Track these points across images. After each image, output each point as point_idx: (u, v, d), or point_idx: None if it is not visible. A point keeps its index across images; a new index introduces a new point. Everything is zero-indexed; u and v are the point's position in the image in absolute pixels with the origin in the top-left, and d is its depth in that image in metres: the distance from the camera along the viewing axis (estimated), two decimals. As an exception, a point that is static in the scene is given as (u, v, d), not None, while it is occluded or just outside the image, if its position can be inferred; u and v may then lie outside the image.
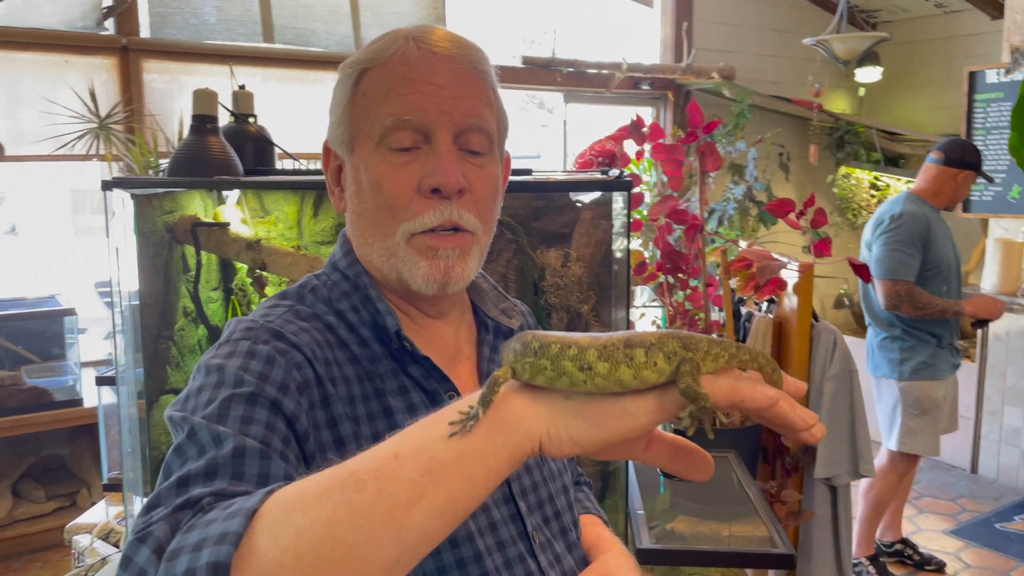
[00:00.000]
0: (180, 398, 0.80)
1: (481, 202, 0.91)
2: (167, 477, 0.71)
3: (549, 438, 0.66)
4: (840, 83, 5.99)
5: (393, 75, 0.88)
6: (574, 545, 1.00)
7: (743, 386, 0.65)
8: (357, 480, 0.62)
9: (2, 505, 3.53)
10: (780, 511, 2.28)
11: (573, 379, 0.64)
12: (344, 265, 0.96)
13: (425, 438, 0.65)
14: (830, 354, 2.29)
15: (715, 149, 2.43)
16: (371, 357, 0.90)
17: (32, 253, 5.19)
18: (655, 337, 0.65)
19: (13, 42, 3.54)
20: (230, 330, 0.86)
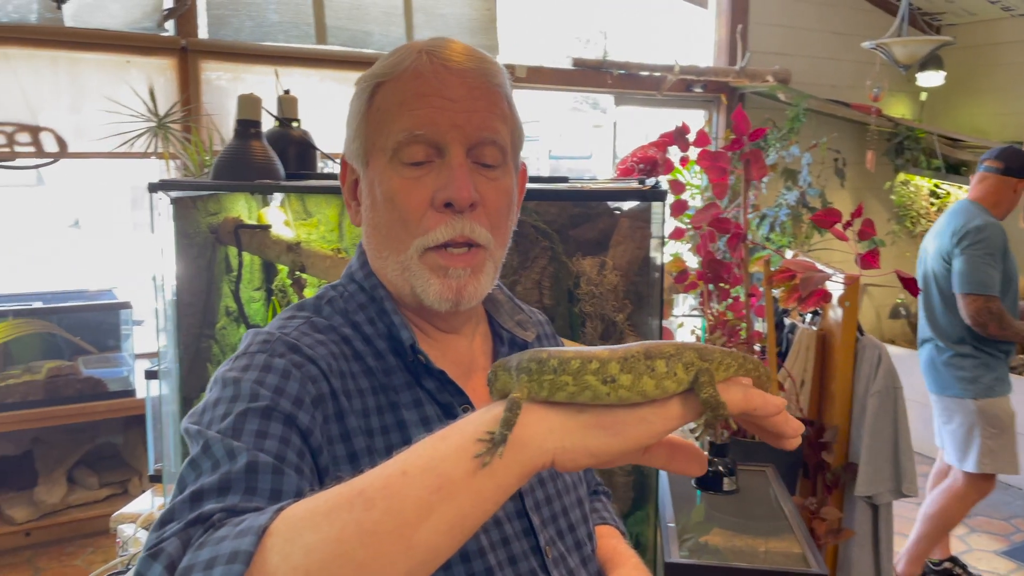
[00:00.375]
0: (196, 410, 0.81)
1: (494, 215, 0.91)
2: (181, 490, 0.72)
3: (564, 451, 0.67)
4: (901, 87, 5.83)
5: (406, 89, 0.88)
6: (588, 559, 0.99)
7: (754, 395, 0.69)
8: (366, 498, 0.62)
9: (57, 491, 3.65)
10: (819, 528, 2.23)
11: (596, 392, 0.66)
12: (360, 277, 0.97)
13: (433, 456, 0.65)
14: (874, 369, 2.24)
15: (761, 157, 2.38)
16: (386, 370, 0.90)
17: (93, 246, 5.36)
18: (673, 348, 0.67)
19: (79, 43, 3.65)
20: (247, 342, 0.87)
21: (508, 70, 0.93)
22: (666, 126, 2.51)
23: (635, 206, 1.92)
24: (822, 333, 2.43)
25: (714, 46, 5.42)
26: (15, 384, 3.56)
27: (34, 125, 3.64)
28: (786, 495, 2.04)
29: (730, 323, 2.38)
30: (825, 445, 2.33)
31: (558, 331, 1.93)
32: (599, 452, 0.67)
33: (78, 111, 3.73)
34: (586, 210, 1.96)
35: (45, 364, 3.68)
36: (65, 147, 3.71)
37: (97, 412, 3.70)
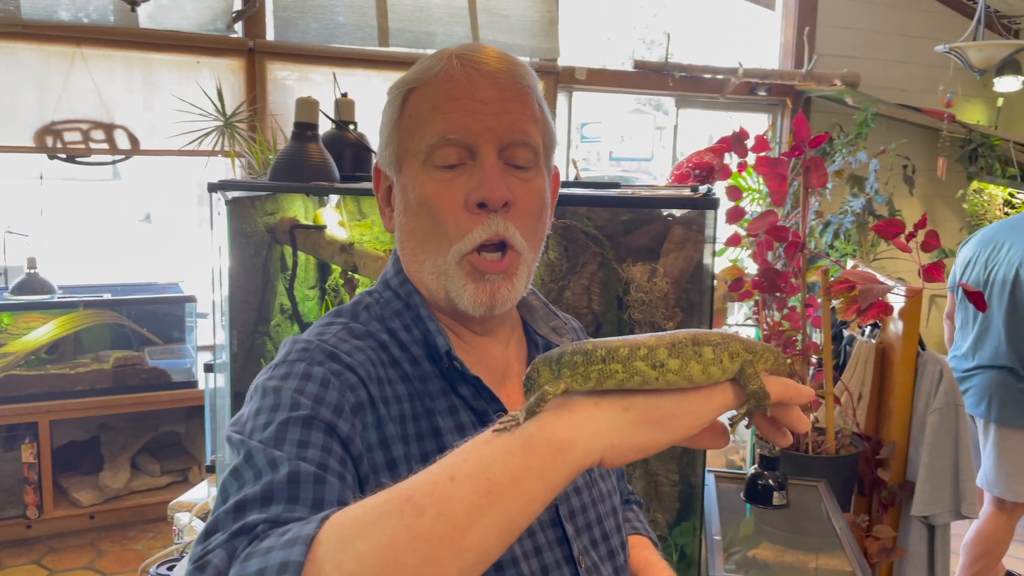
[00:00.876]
0: (239, 418, 0.82)
1: (527, 216, 0.91)
2: (224, 500, 0.73)
3: (612, 449, 0.67)
4: (975, 92, 5.63)
5: (437, 93, 0.89)
6: (622, 569, 0.99)
7: (790, 385, 0.72)
8: (415, 504, 0.63)
9: (121, 476, 3.78)
10: (872, 547, 2.17)
11: (645, 377, 0.67)
12: (396, 283, 0.97)
13: (480, 460, 0.66)
14: (935, 386, 2.17)
15: (822, 164, 2.33)
16: (422, 376, 0.91)
17: (163, 240, 5.54)
18: (720, 337, 0.69)
19: (152, 43, 3.78)
20: (286, 350, 0.88)
21: (567, 72, 0.92)
22: (728, 130, 2.47)
23: (688, 213, 1.90)
24: (882, 346, 2.37)
25: (780, 48, 5.32)
26: (84, 372, 3.70)
27: (108, 123, 3.78)
28: (838, 511, 1.99)
29: (786, 333, 2.33)
30: (882, 462, 2.27)
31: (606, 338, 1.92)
32: (647, 447, 0.68)
33: (150, 109, 3.85)
34: (638, 216, 1.95)
35: (113, 354, 3.82)
36: (137, 144, 3.84)
37: (160, 402, 3.83)
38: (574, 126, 4.99)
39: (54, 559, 3.41)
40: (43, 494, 3.58)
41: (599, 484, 1.00)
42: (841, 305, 2.29)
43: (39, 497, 3.58)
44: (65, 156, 3.76)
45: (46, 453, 3.57)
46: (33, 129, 3.64)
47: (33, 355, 3.67)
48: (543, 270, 1.88)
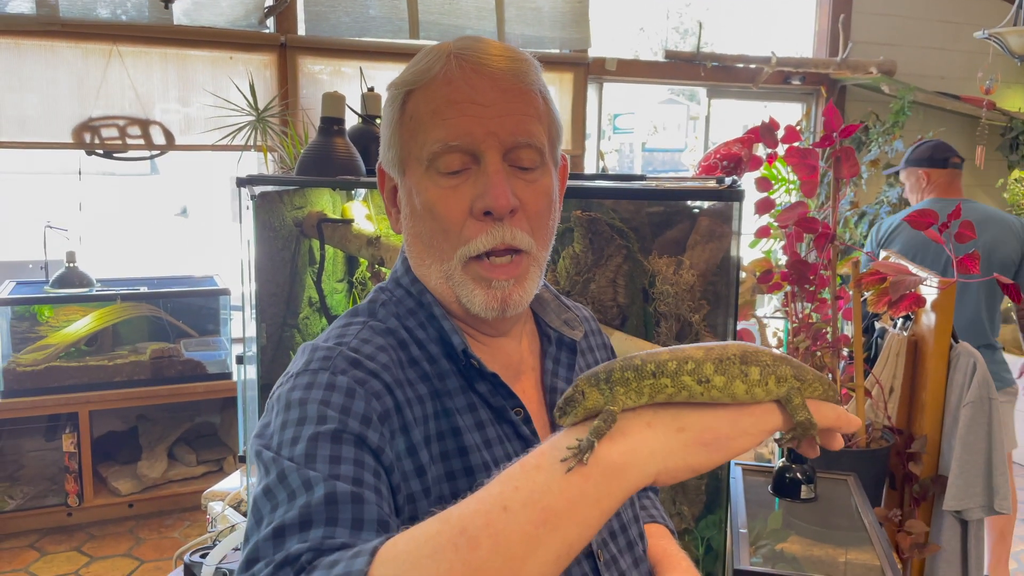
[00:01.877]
0: (263, 432, 0.81)
1: (535, 218, 0.90)
2: (258, 521, 0.72)
3: (666, 471, 0.68)
4: (1016, 79, 5.50)
5: (437, 97, 0.87)
6: (640, 560, 0.99)
7: (842, 415, 0.72)
8: (469, 537, 0.62)
9: (158, 466, 3.86)
10: (904, 542, 2.15)
11: (691, 392, 0.68)
12: (407, 282, 0.96)
13: (533, 488, 0.65)
14: (968, 379, 2.13)
15: (853, 154, 2.30)
16: (440, 374, 0.90)
17: (199, 234, 5.63)
18: (770, 359, 0.69)
19: (186, 40, 3.84)
20: (306, 358, 0.86)
21: (598, 63, 0.90)
22: (761, 120, 2.44)
23: (714, 205, 1.89)
24: (914, 339, 2.33)
25: (814, 36, 5.24)
26: (122, 363, 3.78)
27: (144, 118, 3.84)
28: (867, 506, 1.97)
29: (815, 326, 2.31)
30: (913, 456, 2.23)
31: (631, 331, 1.92)
32: (700, 468, 0.68)
33: (185, 105, 3.91)
34: (664, 208, 1.94)
35: (150, 345, 3.89)
36: (172, 140, 3.90)
37: (196, 393, 3.90)
38: (605, 117, 4.97)
39: (94, 546, 3.49)
40: (83, 483, 3.67)
41: None
42: (872, 297, 2.26)
43: (79, 486, 3.67)
44: (103, 152, 3.83)
45: (86, 443, 3.65)
46: (72, 125, 3.72)
47: (73, 347, 3.75)
48: (568, 263, 1.88)
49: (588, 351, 1.10)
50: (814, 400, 0.71)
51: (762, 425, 0.69)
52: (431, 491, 0.83)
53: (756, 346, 0.70)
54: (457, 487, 0.85)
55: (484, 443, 0.89)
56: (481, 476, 0.86)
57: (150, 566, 3.33)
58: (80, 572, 3.27)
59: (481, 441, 0.88)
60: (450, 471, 0.86)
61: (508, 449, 0.90)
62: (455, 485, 0.85)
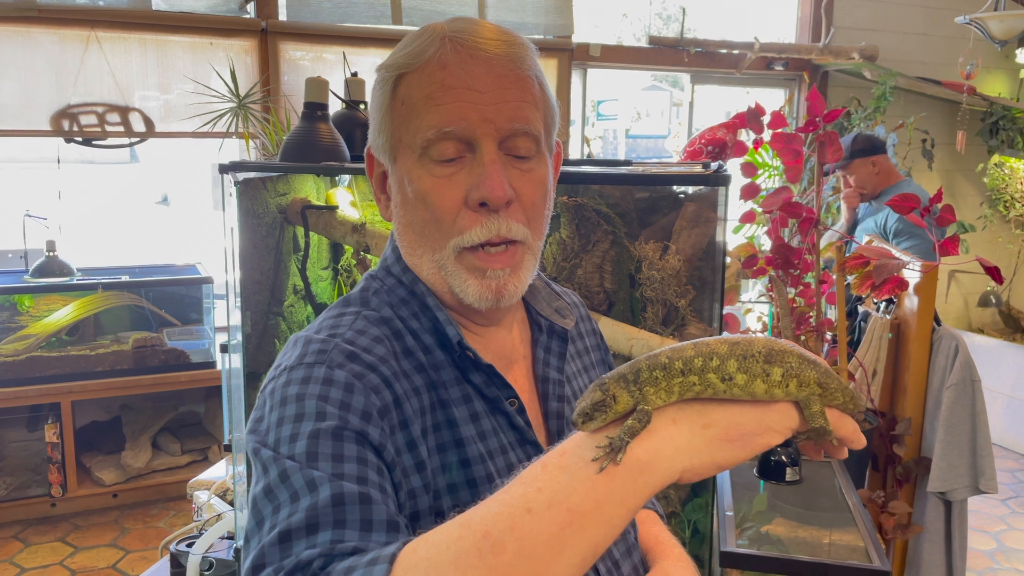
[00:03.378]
0: (258, 427, 0.78)
1: (530, 209, 0.88)
2: (259, 523, 0.70)
3: (691, 469, 0.67)
4: (996, 64, 5.54)
5: (432, 82, 0.84)
6: (633, 547, 0.99)
7: (856, 431, 0.71)
8: (493, 542, 0.61)
9: (143, 456, 3.84)
10: (887, 523, 2.17)
11: (715, 389, 0.67)
12: (398, 271, 0.94)
13: (557, 489, 0.64)
14: (951, 361, 2.15)
15: (836, 139, 2.30)
16: (435, 365, 0.89)
17: (180, 222, 5.58)
18: (797, 361, 0.68)
19: (165, 25, 3.79)
20: (299, 351, 0.83)
21: (581, 49, 0.88)
22: (744, 105, 2.44)
23: (700, 190, 1.89)
24: (897, 322, 2.35)
25: (797, 22, 5.25)
26: (105, 353, 3.75)
27: (124, 105, 3.80)
28: (851, 487, 1.99)
29: (799, 310, 2.32)
30: (897, 438, 2.26)
31: (618, 316, 1.93)
32: (725, 464, 0.68)
33: (165, 92, 3.87)
34: (650, 194, 1.94)
35: (132, 335, 3.86)
36: (152, 127, 3.86)
37: (180, 382, 3.87)
38: (589, 103, 4.96)
39: (78, 536, 3.47)
40: (67, 473, 3.64)
41: None
42: (855, 281, 2.28)
43: (63, 476, 3.64)
44: (81, 139, 3.78)
45: (69, 433, 3.62)
46: (50, 113, 3.67)
47: (54, 337, 3.72)
48: (555, 248, 1.88)
49: (578, 337, 1.09)
50: (834, 411, 0.70)
51: (787, 422, 0.68)
52: (430, 485, 0.82)
53: (784, 344, 0.69)
54: (452, 479, 0.84)
55: (479, 435, 0.87)
56: (476, 468, 0.85)
57: (135, 556, 3.32)
58: (65, 563, 3.25)
59: (476, 433, 0.87)
60: (447, 463, 0.84)
61: (503, 440, 0.89)
62: (450, 477, 0.84)
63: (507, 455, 0.89)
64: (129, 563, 3.26)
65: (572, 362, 1.05)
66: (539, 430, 0.95)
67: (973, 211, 5.49)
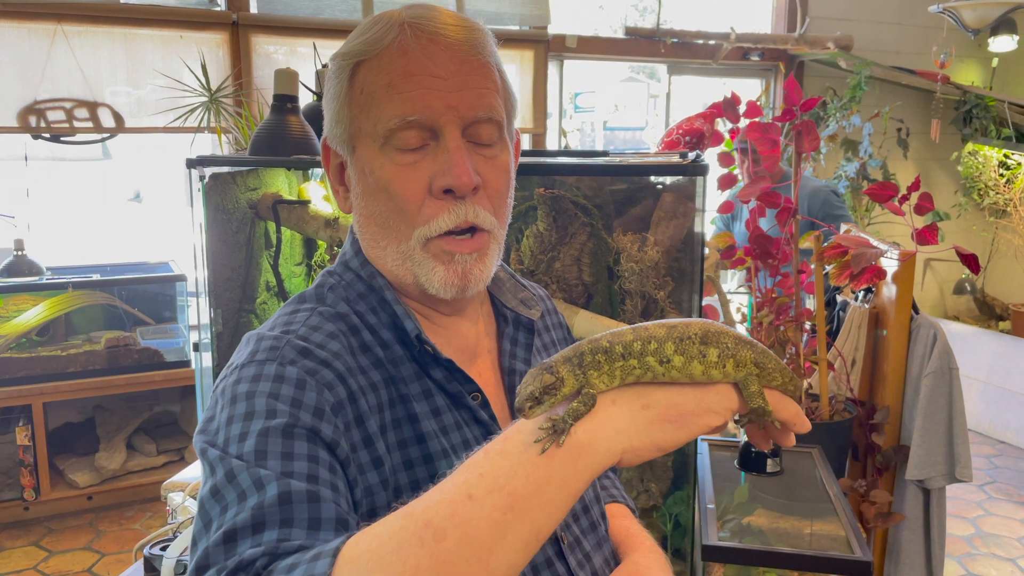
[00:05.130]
0: (207, 426, 0.77)
1: (495, 196, 0.87)
2: (206, 525, 0.68)
3: (631, 450, 0.67)
4: (970, 53, 5.57)
5: (392, 69, 0.82)
6: (604, 540, 0.98)
7: (799, 414, 0.73)
8: (435, 529, 0.60)
9: (117, 457, 3.78)
10: (868, 512, 2.17)
11: (655, 372, 0.68)
12: (356, 265, 0.92)
13: (497, 474, 0.64)
14: (929, 349, 2.15)
15: (814, 128, 2.29)
16: (394, 360, 0.87)
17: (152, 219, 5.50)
18: (732, 342, 0.68)
19: (133, 19, 3.72)
20: (251, 348, 0.82)
21: (558, 40, 0.87)
22: (721, 96, 2.43)
23: (677, 180, 1.87)
24: (875, 311, 2.35)
25: (772, 12, 5.25)
26: (77, 353, 3.68)
27: (92, 100, 3.72)
28: (832, 477, 1.99)
29: (778, 300, 2.31)
30: (876, 427, 2.26)
31: (597, 309, 1.91)
32: (665, 445, 0.68)
33: (134, 86, 3.80)
34: (628, 185, 1.92)
35: (104, 334, 3.80)
36: (122, 122, 3.79)
37: (154, 381, 3.81)
38: (566, 96, 4.93)
39: (53, 540, 3.41)
40: (39, 476, 3.58)
41: None
42: (834, 270, 2.27)
43: (36, 479, 3.58)
44: (49, 136, 3.71)
45: (41, 435, 3.56)
46: (16, 109, 3.59)
47: (24, 337, 3.65)
48: (532, 241, 1.86)
49: (544, 330, 1.08)
50: (777, 393, 0.71)
51: (726, 403, 0.69)
52: (389, 482, 0.80)
53: (720, 326, 0.69)
54: (416, 476, 0.82)
55: (441, 430, 0.86)
56: (440, 463, 0.83)
57: (111, 559, 3.27)
58: (39, 567, 3.19)
59: (438, 428, 0.86)
60: (408, 460, 0.83)
61: (467, 435, 0.88)
62: (413, 474, 0.82)
63: (472, 450, 0.87)
64: (105, 566, 3.21)
65: (539, 355, 1.03)
66: (505, 423, 0.93)
67: (948, 199, 5.53)
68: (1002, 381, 4.62)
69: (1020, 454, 4.43)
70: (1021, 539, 3.43)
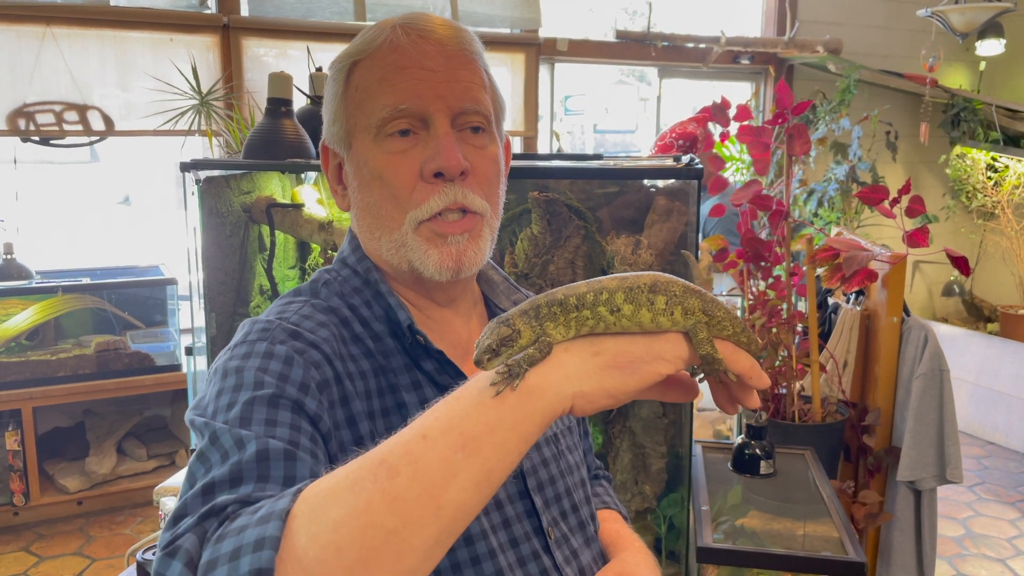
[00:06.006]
0: (199, 402, 0.80)
1: (485, 183, 0.90)
2: (191, 485, 0.71)
3: (582, 395, 0.68)
4: (957, 57, 5.62)
5: (385, 64, 0.87)
6: (592, 539, 1.00)
7: (754, 366, 0.72)
8: (389, 467, 0.62)
9: (107, 462, 3.76)
10: (858, 513, 2.18)
11: (607, 322, 0.69)
12: (353, 261, 0.96)
13: (451, 416, 0.66)
14: (920, 351, 2.17)
15: (805, 131, 2.31)
16: (385, 352, 0.90)
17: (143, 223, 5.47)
18: (680, 289, 0.70)
19: (124, 21, 3.70)
20: (245, 331, 0.86)
21: (549, 44, 0.91)
22: (711, 99, 2.45)
23: (671, 184, 1.88)
24: (866, 313, 2.37)
25: (762, 16, 5.28)
26: (66, 358, 3.66)
27: (81, 104, 3.71)
28: (825, 479, 2.00)
29: (771, 303, 2.32)
30: (867, 428, 2.27)
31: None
32: (616, 392, 0.69)
33: (124, 89, 3.78)
34: (622, 188, 1.93)
35: (94, 338, 3.78)
36: (112, 125, 3.77)
37: (145, 386, 3.79)
38: (557, 99, 4.94)
39: (43, 546, 3.39)
40: (29, 481, 3.55)
41: (566, 456, 1.00)
42: (826, 273, 2.28)
43: (25, 484, 3.55)
44: (38, 139, 3.69)
45: (30, 440, 3.53)
46: (4, 112, 3.57)
47: (13, 342, 3.62)
48: (527, 244, 1.86)
49: None
50: (730, 345, 0.71)
51: (676, 351, 0.70)
52: None
53: (671, 277, 0.71)
54: None
55: None
56: None
57: (102, 564, 3.25)
58: (29, 573, 3.17)
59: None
60: None
61: None
62: None
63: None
64: (95, 572, 3.19)
65: None
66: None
67: (937, 202, 5.56)
68: (991, 382, 4.66)
69: (1009, 455, 4.46)
70: (1010, 539, 3.45)
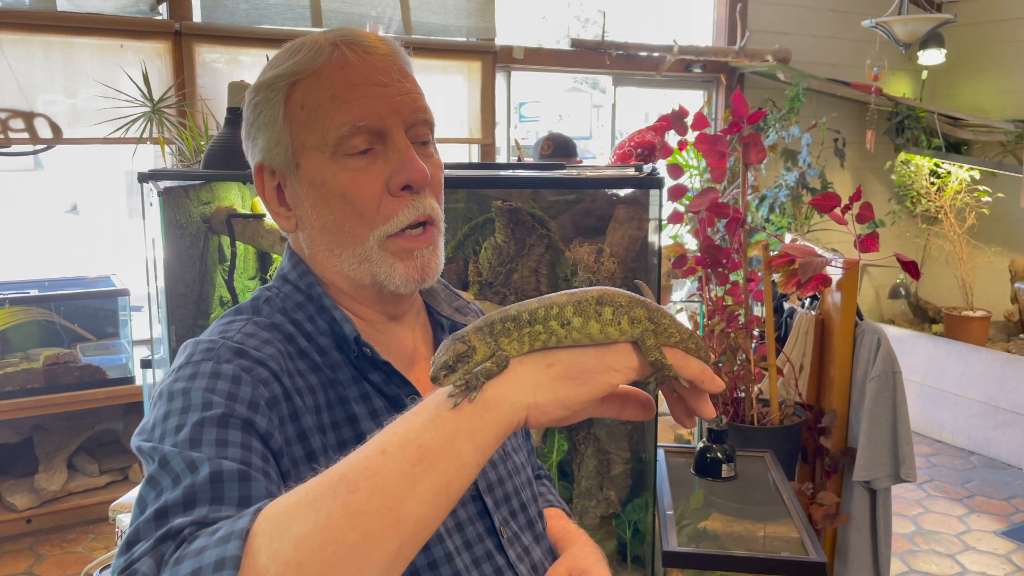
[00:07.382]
0: (145, 427, 0.78)
1: (437, 190, 0.94)
2: (143, 510, 0.69)
3: (537, 406, 0.69)
4: (901, 66, 5.78)
5: (333, 82, 0.87)
6: (541, 536, 1.02)
7: (706, 370, 0.73)
8: (348, 482, 0.62)
9: (58, 478, 3.66)
10: (816, 513, 2.23)
11: (558, 336, 0.71)
12: (295, 277, 0.95)
13: (409, 429, 0.66)
14: (873, 354, 2.23)
15: (760, 140, 2.36)
16: (332, 365, 0.90)
17: (92, 232, 5.35)
18: (626, 300, 0.72)
19: (72, 27, 3.62)
20: (188, 352, 0.84)
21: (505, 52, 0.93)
22: (665, 107, 2.48)
23: (631, 192, 1.90)
24: (821, 318, 2.42)
25: (713, 25, 5.37)
26: (13, 372, 3.56)
27: (28, 111, 3.61)
28: (784, 481, 2.04)
29: (729, 308, 2.36)
30: (824, 430, 2.32)
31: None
32: (570, 402, 0.70)
33: (72, 96, 3.70)
34: (583, 197, 1.95)
35: (43, 352, 3.67)
36: (60, 133, 3.68)
37: (96, 399, 3.70)
38: (513, 106, 4.96)
39: (-10, 566, 3.29)
40: (-25, 500, 3.44)
41: (512, 457, 1.02)
42: (781, 279, 2.33)
43: (-30, 503, 3.44)
44: (-18, 147, 3.58)
45: (-24, 457, 3.43)
46: (-54, 119, 3.46)
47: (-43, 356, 3.51)
48: (490, 253, 1.87)
49: None
50: (679, 352, 0.73)
51: (626, 361, 0.71)
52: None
53: (617, 290, 0.73)
54: None
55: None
56: None
57: (53, 584, 3.16)
58: (-25, 595, 3.07)
59: (378, 428, 0.88)
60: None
61: None
62: None
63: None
64: (46, 592, 3.10)
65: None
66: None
67: (882, 207, 5.71)
68: (937, 382, 4.79)
69: (955, 452, 4.60)
70: (959, 535, 3.55)
